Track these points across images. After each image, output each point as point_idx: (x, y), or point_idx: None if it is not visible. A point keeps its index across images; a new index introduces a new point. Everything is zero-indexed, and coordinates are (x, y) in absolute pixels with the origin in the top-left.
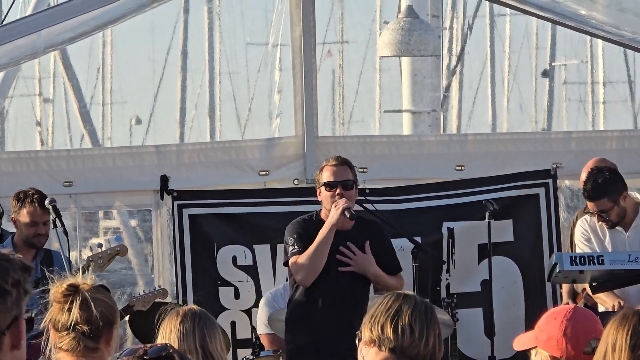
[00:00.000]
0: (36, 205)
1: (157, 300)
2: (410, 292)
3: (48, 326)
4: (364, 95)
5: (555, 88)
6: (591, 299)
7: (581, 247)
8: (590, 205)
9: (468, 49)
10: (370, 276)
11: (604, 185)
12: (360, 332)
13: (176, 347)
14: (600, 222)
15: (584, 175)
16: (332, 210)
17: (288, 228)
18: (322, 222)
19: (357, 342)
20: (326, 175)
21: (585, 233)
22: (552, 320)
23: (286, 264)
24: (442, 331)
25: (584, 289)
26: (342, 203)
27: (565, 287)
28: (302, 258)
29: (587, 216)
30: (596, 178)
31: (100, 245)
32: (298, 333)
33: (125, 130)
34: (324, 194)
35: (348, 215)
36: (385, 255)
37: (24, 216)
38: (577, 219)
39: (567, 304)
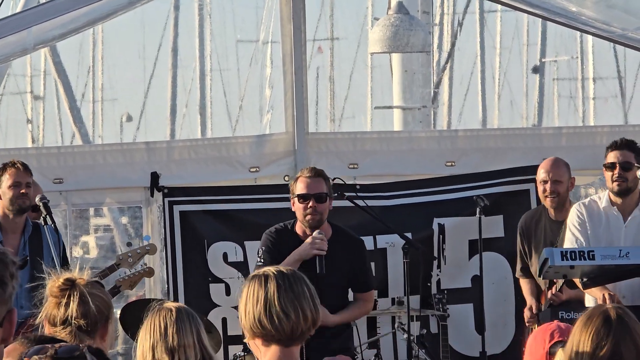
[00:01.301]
0: (18, 166)
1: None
2: (270, 270)
3: (43, 322)
4: (355, 92)
5: (545, 84)
6: (556, 298)
7: (572, 230)
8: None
9: (458, 45)
10: (330, 324)
11: (634, 144)
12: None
13: (175, 343)
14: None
15: (542, 172)
16: (305, 244)
17: (262, 236)
18: (296, 235)
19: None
20: (300, 187)
21: (580, 216)
22: (534, 339)
23: None
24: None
25: (552, 287)
26: (318, 246)
27: (526, 288)
28: None
29: (585, 200)
30: (628, 138)
31: (129, 244)
32: None
33: (115, 128)
34: (297, 206)
35: (317, 268)
36: (360, 274)
37: (6, 181)
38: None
39: (531, 308)
